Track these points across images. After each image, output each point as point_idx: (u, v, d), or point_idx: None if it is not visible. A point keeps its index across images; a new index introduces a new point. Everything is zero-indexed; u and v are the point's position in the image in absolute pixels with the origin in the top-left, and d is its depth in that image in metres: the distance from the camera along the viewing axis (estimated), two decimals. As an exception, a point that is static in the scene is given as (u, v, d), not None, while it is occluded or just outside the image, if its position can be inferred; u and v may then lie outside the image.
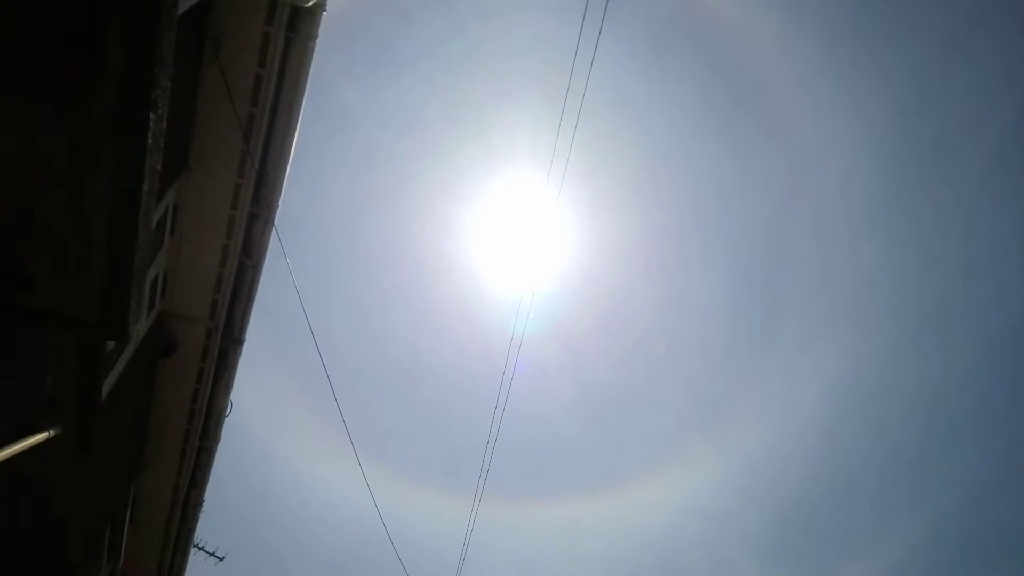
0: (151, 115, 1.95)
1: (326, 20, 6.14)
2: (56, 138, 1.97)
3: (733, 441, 29.07)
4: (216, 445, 8.77)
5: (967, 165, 22.77)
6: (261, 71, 6.00)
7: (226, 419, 8.79)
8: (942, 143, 22.93)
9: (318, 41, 6.08)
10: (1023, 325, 25.09)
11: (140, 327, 2.15)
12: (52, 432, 4.99)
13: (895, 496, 29.44)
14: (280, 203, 7.23)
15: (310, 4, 5.52)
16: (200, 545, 15.83)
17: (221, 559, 15.88)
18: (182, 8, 3.36)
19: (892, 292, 26.55)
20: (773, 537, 30.83)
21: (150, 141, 1.99)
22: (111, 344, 5.29)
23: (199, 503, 9.73)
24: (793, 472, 29.70)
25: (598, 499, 29.26)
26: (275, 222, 7.34)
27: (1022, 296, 24.64)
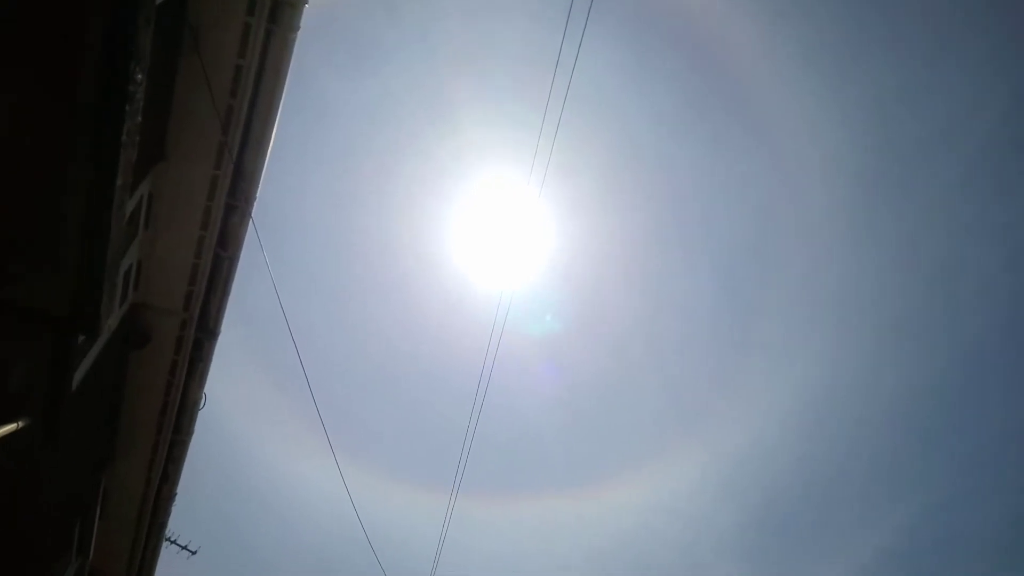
0: (126, 108, 1.94)
1: (308, 11, 6.10)
2: (30, 130, 1.95)
3: (711, 442, 29.42)
4: (189, 439, 8.70)
5: (950, 165, 23.21)
6: (241, 62, 5.95)
7: (200, 412, 8.71)
8: (925, 143, 23.35)
9: (299, 33, 6.04)
10: (1003, 327, 25.66)
11: (112, 321, 2.13)
12: (20, 423, 4.93)
13: (872, 497, 30.02)
14: (258, 195, 7.18)
15: (292, -4, 5.48)
16: (172, 539, 15.65)
17: (193, 553, 15.70)
18: (160, -2, 3.33)
19: (872, 293, 27.00)
20: (750, 538, 31.27)
21: (124, 136, 1.98)
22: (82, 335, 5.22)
23: (171, 497, 9.64)
24: (770, 473, 30.15)
25: (575, 498, 29.45)
26: (252, 214, 7.29)
27: (1003, 298, 25.19)
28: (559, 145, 10.79)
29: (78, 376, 5.99)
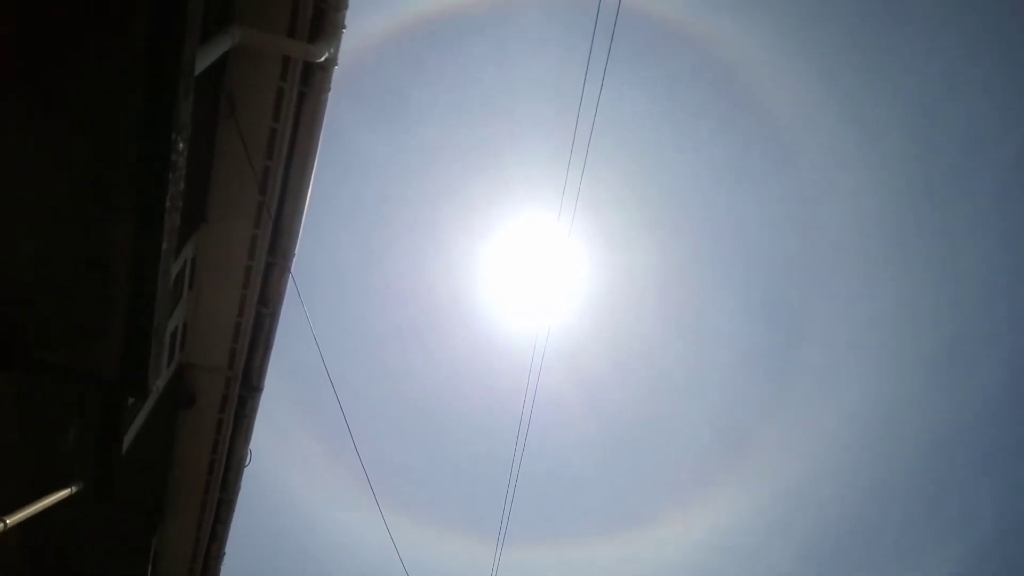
0: (170, 177, 2.00)
1: (337, 71, 6.30)
2: (77, 199, 2.03)
3: (756, 472, 28.47)
4: (236, 497, 8.73)
5: (984, 182, 22.61)
6: (275, 125, 6.14)
7: (246, 469, 8.76)
8: (956, 162, 22.83)
9: (330, 93, 6.23)
10: (1051, 347, 24.53)
11: (160, 382, 2.17)
12: (74, 488, 5.01)
13: (927, 524, 28.55)
14: (296, 251, 7.34)
15: (323, 59, 5.67)
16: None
17: (242, 612, 15.63)
18: (199, 69, 3.47)
19: (913, 314, 26.15)
20: (801, 570, 29.89)
21: (168, 203, 2.04)
22: (132, 398, 5.34)
23: (220, 556, 9.64)
24: (824, 503, 28.97)
25: (622, 540, 28.62)
26: (292, 270, 7.44)
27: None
28: (588, 180, 10.83)
29: (128, 438, 6.10)
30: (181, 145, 1.86)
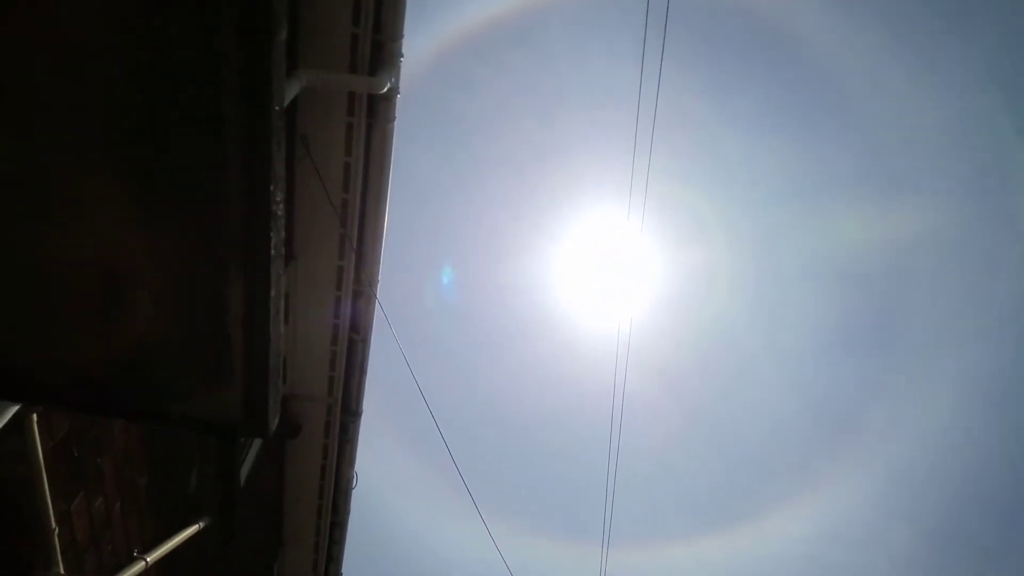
0: (272, 227, 2.11)
1: (401, 100, 6.47)
2: (190, 263, 2.16)
3: (865, 458, 27.09)
4: (347, 518, 9.04)
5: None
6: (348, 159, 6.37)
7: (353, 491, 9.06)
8: None
9: (396, 122, 6.40)
10: None
11: (277, 419, 2.31)
12: (201, 524, 5.33)
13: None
14: (380, 278, 7.57)
15: (385, 91, 5.84)
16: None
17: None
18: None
19: (1017, 275, 24.34)
20: (932, 558, 28.19)
21: (273, 251, 2.14)
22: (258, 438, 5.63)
23: (337, 576, 10.00)
24: (942, 483, 27.27)
25: (731, 536, 27.84)
26: (377, 296, 7.68)
27: None
28: (655, 174, 10.66)
29: (244, 471, 6.43)
30: (279, 197, 1.96)
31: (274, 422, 2.46)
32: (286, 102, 4.89)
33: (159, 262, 1.99)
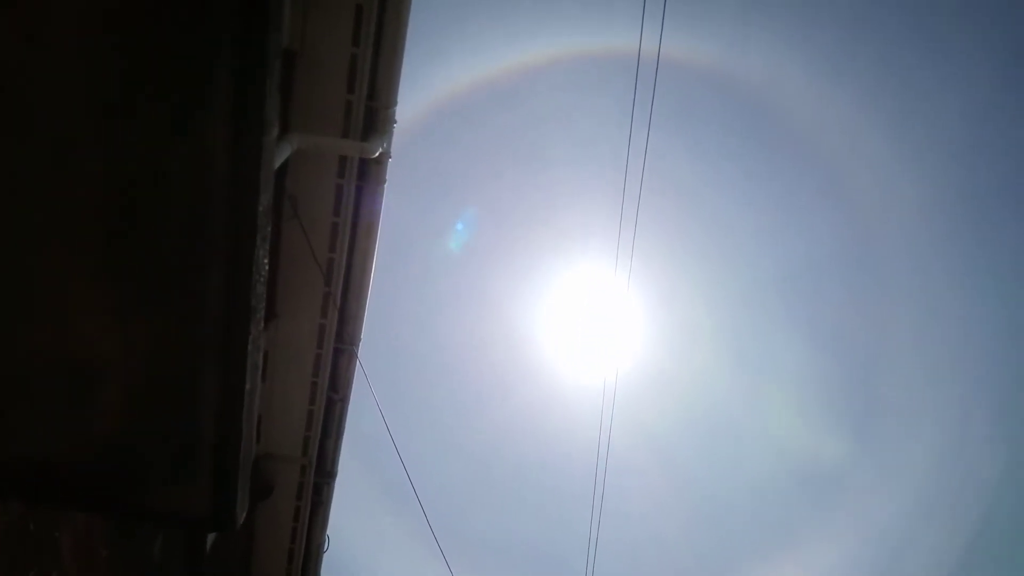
0: (251, 322, 2.05)
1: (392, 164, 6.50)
2: (166, 351, 2.09)
3: (845, 519, 26.84)
4: (316, 583, 8.71)
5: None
6: (336, 219, 6.34)
7: (324, 554, 8.76)
8: (1008, 177, 21.85)
9: (386, 185, 6.41)
10: None
11: (244, 513, 2.20)
12: (163, 595, 5.08)
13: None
14: (362, 337, 7.47)
15: (377, 155, 5.86)
16: None
17: None
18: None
19: (990, 341, 24.67)
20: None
21: (250, 345, 2.08)
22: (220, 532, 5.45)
23: (303, 643, 9.57)
24: (916, 545, 27.01)
25: (708, 596, 27.22)
26: (358, 355, 7.56)
27: None
28: (641, 232, 10.75)
29: (211, 537, 6.18)
30: (260, 289, 1.91)
31: (241, 517, 2.35)
32: (277, 164, 4.87)
33: (133, 359, 1.92)
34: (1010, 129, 20.84)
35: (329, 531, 8.76)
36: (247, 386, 2.12)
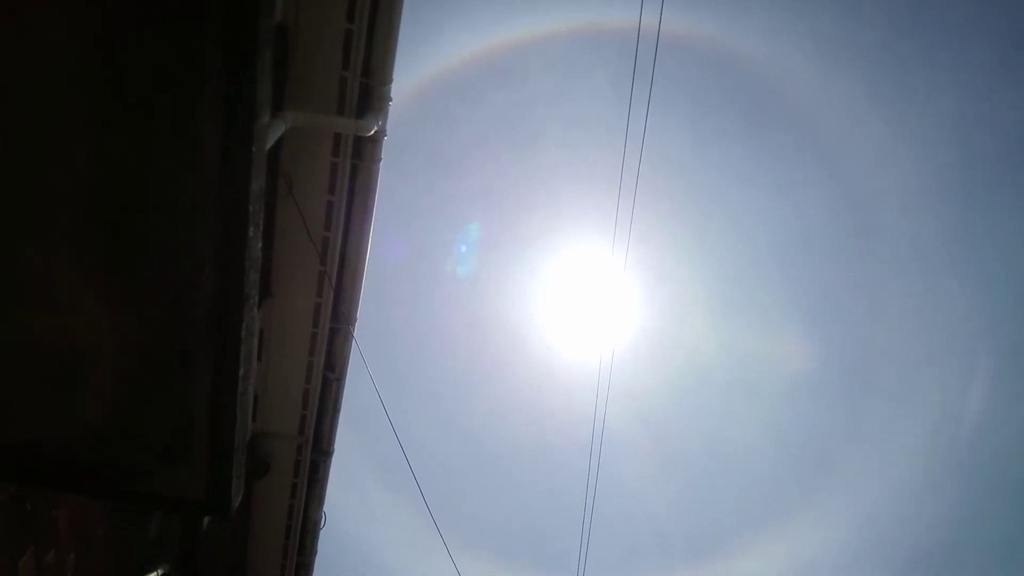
0: (244, 308, 2.03)
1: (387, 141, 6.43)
2: (162, 361, 2.08)
3: (835, 499, 27.19)
4: (313, 559, 8.81)
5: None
6: (331, 197, 6.29)
7: (321, 531, 8.84)
8: (1006, 159, 21.81)
9: (382, 163, 6.35)
10: None
11: (239, 497, 2.21)
12: (160, 571, 5.14)
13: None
14: (358, 315, 7.46)
15: (372, 133, 5.80)
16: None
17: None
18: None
19: (986, 322, 24.80)
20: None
21: (244, 332, 2.07)
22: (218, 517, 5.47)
23: (301, 617, 9.71)
24: (904, 527, 27.42)
25: (697, 573, 27.64)
26: (354, 334, 7.56)
27: None
28: (639, 210, 10.71)
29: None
30: (253, 294, 1.90)
31: (237, 501, 2.36)
32: (271, 142, 4.82)
33: (125, 344, 1.90)
34: (1009, 111, 20.76)
35: (326, 508, 8.83)
36: (241, 371, 2.11)
